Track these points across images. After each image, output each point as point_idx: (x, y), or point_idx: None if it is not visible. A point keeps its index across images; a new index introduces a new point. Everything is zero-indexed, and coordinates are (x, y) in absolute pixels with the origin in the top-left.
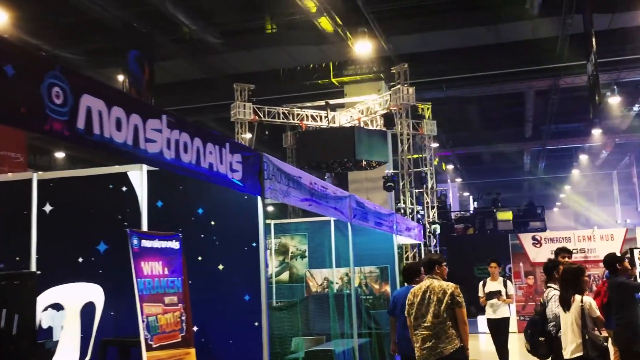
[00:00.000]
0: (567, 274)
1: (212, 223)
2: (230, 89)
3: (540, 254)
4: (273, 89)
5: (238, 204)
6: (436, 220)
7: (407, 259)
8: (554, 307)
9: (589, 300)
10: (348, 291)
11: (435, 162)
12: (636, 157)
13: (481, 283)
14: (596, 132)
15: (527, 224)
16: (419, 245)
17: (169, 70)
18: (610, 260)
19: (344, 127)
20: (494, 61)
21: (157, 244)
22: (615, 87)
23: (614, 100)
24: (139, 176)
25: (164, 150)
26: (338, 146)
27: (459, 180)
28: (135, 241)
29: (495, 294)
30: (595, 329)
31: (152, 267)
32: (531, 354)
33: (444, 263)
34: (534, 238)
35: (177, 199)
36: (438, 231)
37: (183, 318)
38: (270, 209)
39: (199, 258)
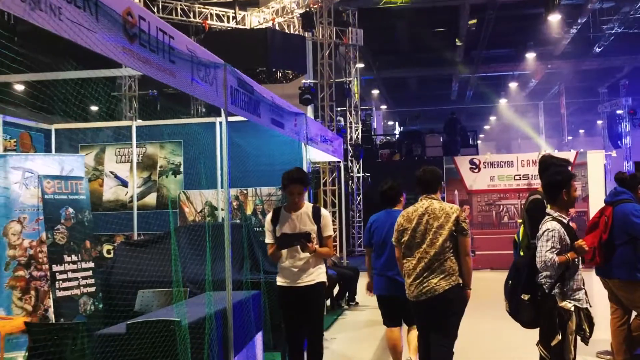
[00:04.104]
0: None
1: None
2: None
3: (478, 181)
4: None
5: None
6: (359, 143)
7: (324, 184)
8: (544, 250)
9: None
10: (238, 220)
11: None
12: (566, 87)
13: (269, 217)
14: (530, 56)
15: (459, 150)
16: (339, 167)
17: None
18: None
19: (256, 29)
20: None
21: None
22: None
23: (554, 18)
24: None
25: None
26: (248, 52)
27: (383, 107)
28: None
29: (297, 238)
30: None
31: None
32: (513, 317)
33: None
34: (472, 162)
35: None
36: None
37: None
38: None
39: None
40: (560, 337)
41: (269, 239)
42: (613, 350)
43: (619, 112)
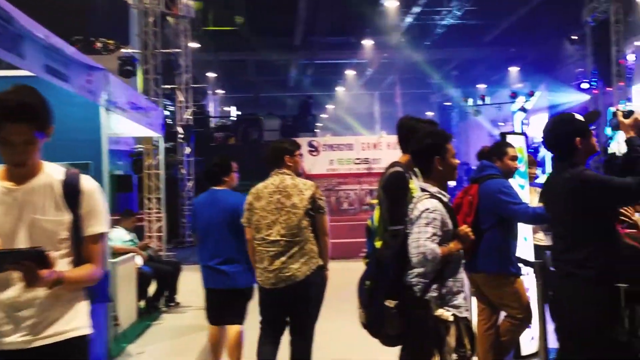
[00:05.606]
0: None
1: None
2: None
3: (318, 164)
4: None
5: None
6: (191, 125)
7: (148, 167)
8: (423, 237)
9: None
10: None
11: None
12: (400, 78)
13: None
14: (367, 44)
15: (297, 134)
16: (158, 147)
17: None
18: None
19: None
20: None
21: None
22: None
23: (392, 5)
24: None
25: None
26: (63, 19)
27: (220, 92)
28: None
29: (16, 259)
30: None
31: None
32: (370, 332)
33: (298, 152)
34: (310, 144)
35: None
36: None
37: None
38: None
39: None
40: (438, 358)
41: None
42: (478, 358)
43: (447, 103)
